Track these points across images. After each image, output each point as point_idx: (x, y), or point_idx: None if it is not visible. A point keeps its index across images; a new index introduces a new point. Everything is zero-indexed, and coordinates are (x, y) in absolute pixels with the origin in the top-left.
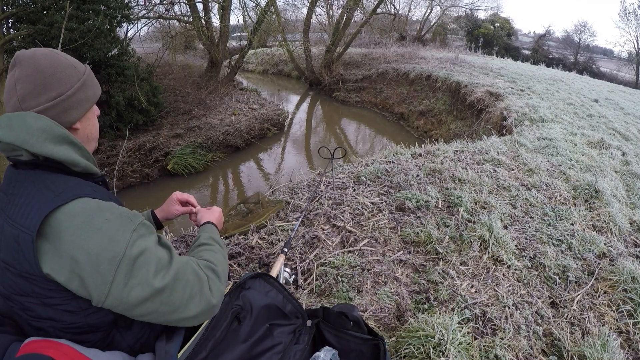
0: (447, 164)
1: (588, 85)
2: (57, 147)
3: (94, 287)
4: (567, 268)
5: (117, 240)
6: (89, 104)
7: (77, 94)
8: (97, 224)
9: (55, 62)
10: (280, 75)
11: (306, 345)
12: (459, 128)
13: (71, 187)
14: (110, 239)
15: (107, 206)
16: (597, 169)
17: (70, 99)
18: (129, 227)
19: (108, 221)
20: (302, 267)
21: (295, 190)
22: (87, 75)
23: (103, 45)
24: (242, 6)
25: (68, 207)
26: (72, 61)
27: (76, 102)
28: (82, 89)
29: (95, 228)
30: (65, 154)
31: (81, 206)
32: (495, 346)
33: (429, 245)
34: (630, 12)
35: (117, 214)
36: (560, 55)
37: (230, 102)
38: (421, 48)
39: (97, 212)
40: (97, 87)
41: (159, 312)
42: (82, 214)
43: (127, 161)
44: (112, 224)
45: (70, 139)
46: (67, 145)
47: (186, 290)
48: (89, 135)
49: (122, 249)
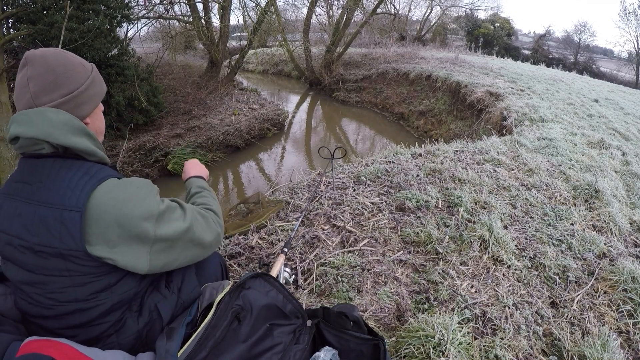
0: (447, 164)
1: (588, 85)
2: (78, 139)
3: (140, 243)
4: (567, 268)
5: (149, 202)
6: (98, 100)
7: (88, 90)
8: (130, 194)
9: (65, 61)
10: (280, 75)
11: (306, 345)
12: (459, 128)
13: (100, 170)
14: (144, 202)
15: (131, 180)
16: (597, 169)
17: (81, 95)
18: (152, 191)
19: (138, 189)
20: (302, 267)
21: (295, 190)
22: (94, 72)
23: (103, 45)
24: (242, 6)
25: (103, 185)
26: (80, 60)
27: (87, 98)
28: (91, 86)
29: (130, 197)
30: (86, 145)
31: (113, 183)
32: (495, 346)
33: (429, 245)
34: (630, 12)
35: (141, 184)
36: (560, 55)
37: (230, 102)
38: (421, 48)
39: (127, 185)
40: (103, 83)
41: (190, 245)
42: (116, 189)
43: (127, 161)
44: (142, 191)
45: (87, 131)
46: (85, 137)
47: (200, 226)
48: (97, 129)
49: (156, 207)
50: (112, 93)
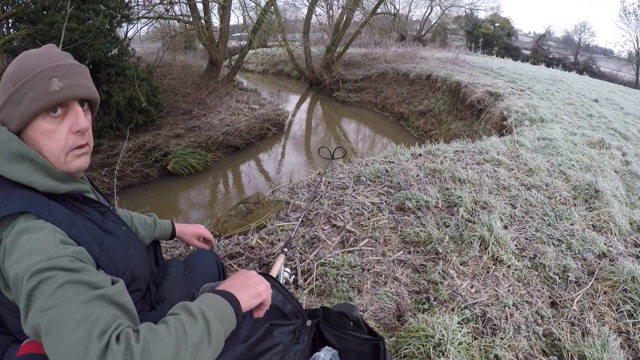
0: (447, 164)
1: (588, 85)
2: (11, 166)
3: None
4: (567, 268)
5: (24, 261)
6: (34, 107)
7: (14, 94)
8: (20, 241)
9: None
10: (280, 75)
11: (306, 345)
12: (459, 128)
13: (21, 200)
14: (19, 258)
15: (40, 228)
16: (597, 169)
17: (7, 101)
18: (44, 252)
19: (29, 241)
20: (302, 267)
21: (295, 190)
22: (22, 66)
23: (103, 45)
24: (242, 6)
25: (12, 219)
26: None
27: (10, 105)
28: (20, 87)
29: (17, 245)
30: (20, 175)
31: (21, 221)
32: (495, 346)
33: (429, 245)
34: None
35: (44, 238)
36: (560, 55)
37: (230, 102)
38: (421, 48)
39: (26, 231)
40: (46, 83)
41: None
42: (16, 229)
43: (127, 161)
44: (30, 245)
45: (30, 156)
46: (26, 163)
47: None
48: (41, 147)
49: (22, 271)
50: (112, 93)
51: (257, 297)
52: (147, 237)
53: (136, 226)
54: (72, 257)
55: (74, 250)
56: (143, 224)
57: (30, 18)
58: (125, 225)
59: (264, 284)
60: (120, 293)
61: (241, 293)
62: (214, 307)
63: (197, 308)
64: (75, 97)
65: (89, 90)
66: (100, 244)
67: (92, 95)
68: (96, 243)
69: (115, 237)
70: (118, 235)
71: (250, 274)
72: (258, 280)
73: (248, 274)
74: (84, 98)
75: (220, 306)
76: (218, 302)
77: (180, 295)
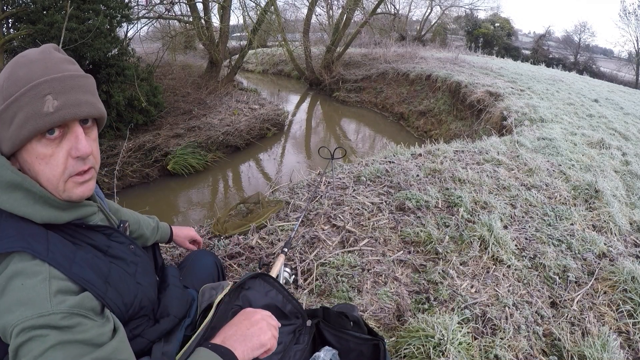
0: (447, 164)
1: (588, 85)
2: (5, 195)
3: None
4: (567, 268)
5: (14, 313)
6: (30, 128)
7: (3, 112)
8: (13, 286)
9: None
10: (280, 75)
11: (306, 345)
12: (459, 128)
13: (15, 236)
14: (10, 307)
15: (35, 273)
16: (597, 169)
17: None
18: (36, 307)
19: (22, 288)
20: (302, 267)
21: (295, 190)
22: (12, 78)
23: (103, 45)
24: (242, 6)
25: (4, 257)
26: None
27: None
28: (12, 103)
29: (9, 289)
30: (14, 206)
31: (15, 261)
32: (495, 346)
33: (429, 245)
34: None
35: (38, 287)
36: (560, 55)
37: (230, 102)
38: (421, 48)
39: (19, 274)
40: (37, 102)
41: None
42: (9, 270)
43: (127, 161)
44: (22, 294)
45: (25, 185)
46: (19, 192)
47: None
48: (38, 175)
49: (12, 323)
50: (112, 93)
51: (260, 348)
52: (151, 239)
53: (143, 229)
54: (67, 313)
55: (69, 305)
56: (147, 226)
57: (30, 18)
58: (133, 244)
59: (269, 332)
60: (117, 351)
61: (242, 346)
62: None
63: None
64: (73, 118)
65: (90, 109)
66: (107, 277)
67: (94, 113)
68: (101, 279)
69: (122, 262)
70: (126, 259)
71: (256, 318)
72: (263, 328)
73: (253, 317)
74: (85, 118)
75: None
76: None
77: (180, 305)
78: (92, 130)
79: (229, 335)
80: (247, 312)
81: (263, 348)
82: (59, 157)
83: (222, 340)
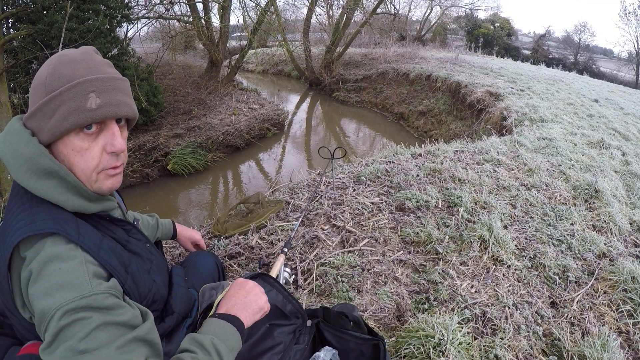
0: (447, 164)
1: (588, 85)
2: (39, 182)
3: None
4: (567, 268)
5: (54, 296)
6: (71, 120)
7: (48, 103)
8: (49, 270)
9: (52, 59)
10: (280, 75)
11: (306, 345)
12: (459, 128)
13: (49, 218)
14: (49, 291)
15: (71, 257)
16: (597, 169)
17: (40, 109)
18: (77, 289)
19: (60, 272)
20: (302, 267)
21: (295, 190)
22: (55, 75)
23: (103, 45)
24: (242, 6)
25: (38, 239)
26: (57, 56)
27: (43, 116)
28: (54, 97)
29: (46, 273)
30: (48, 192)
31: (49, 244)
32: (495, 346)
33: (429, 245)
34: (630, 12)
35: (77, 270)
36: (560, 55)
37: (230, 102)
38: (421, 48)
39: (56, 259)
40: (81, 98)
41: None
42: (44, 254)
43: (127, 161)
44: (61, 277)
45: (61, 174)
46: (54, 180)
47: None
48: (73, 166)
49: (53, 307)
50: None
51: (259, 311)
52: (151, 237)
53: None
54: (107, 293)
55: (107, 287)
56: (147, 225)
57: (30, 18)
58: (149, 242)
59: (264, 297)
60: (151, 331)
61: (244, 312)
62: (223, 338)
63: (209, 342)
64: (114, 116)
65: (128, 109)
66: (126, 267)
67: (130, 114)
68: (122, 266)
69: (139, 258)
70: (142, 256)
71: (249, 287)
72: (258, 294)
73: (246, 286)
74: (123, 117)
75: (229, 335)
76: (226, 330)
77: (184, 305)
78: (124, 129)
79: (230, 306)
80: (239, 283)
81: (262, 311)
82: (95, 151)
83: (226, 310)
